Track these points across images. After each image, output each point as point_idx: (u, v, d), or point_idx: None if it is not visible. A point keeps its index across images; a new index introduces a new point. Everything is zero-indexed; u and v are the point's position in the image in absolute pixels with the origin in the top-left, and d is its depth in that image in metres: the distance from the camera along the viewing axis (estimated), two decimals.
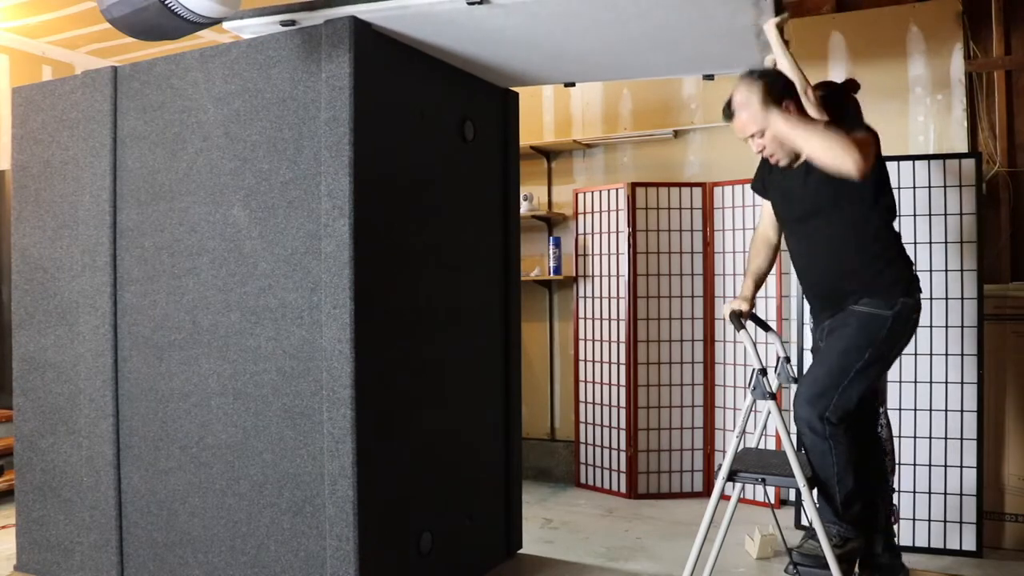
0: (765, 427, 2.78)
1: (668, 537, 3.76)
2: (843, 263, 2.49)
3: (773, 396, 2.42)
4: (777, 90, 2.38)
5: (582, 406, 4.76)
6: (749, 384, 2.41)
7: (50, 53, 5.49)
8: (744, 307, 2.64)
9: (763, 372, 2.39)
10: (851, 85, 2.78)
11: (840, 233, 2.49)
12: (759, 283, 2.74)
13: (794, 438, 2.55)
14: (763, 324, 2.78)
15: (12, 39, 5.26)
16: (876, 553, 2.67)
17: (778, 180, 2.64)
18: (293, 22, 2.53)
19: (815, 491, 2.44)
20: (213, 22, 2.42)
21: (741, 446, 2.53)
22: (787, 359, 2.66)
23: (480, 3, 2.37)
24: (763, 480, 2.37)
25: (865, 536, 2.53)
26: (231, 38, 2.78)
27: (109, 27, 2.63)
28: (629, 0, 2.39)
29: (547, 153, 5.12)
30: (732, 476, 2.42)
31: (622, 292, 4.55)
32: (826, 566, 2.30)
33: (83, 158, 2.95)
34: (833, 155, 2.21)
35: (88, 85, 2.94)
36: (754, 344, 2.42)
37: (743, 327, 2.51)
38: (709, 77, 3.26)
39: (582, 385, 4.76)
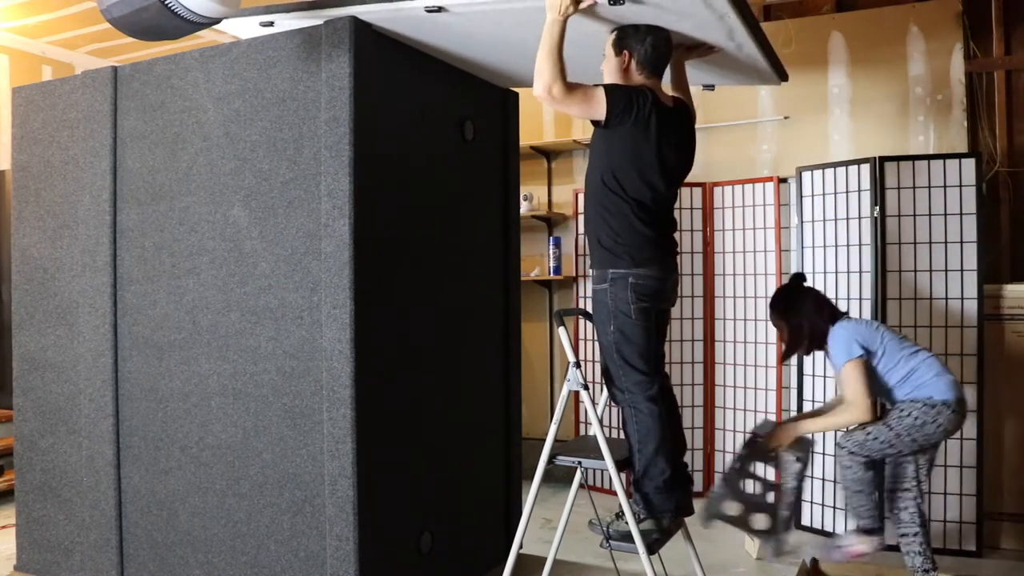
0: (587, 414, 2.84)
1: None
2: None
3: (586, 387, 2.57)
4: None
5: (582, 406, 4.76)
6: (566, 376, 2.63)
7: (50, 53, 5.49)
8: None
9: (576, 365, 2.59)
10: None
11: None
12: None
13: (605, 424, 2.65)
14: (589, 317, 2.97)
15: (12, 39, 5.26)
16: None
17: None
18: (271, 24, 2.54)
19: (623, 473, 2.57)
20: (213, 22, 2.42)
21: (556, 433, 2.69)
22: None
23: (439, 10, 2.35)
24: (579, 463, 2.60)
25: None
26: (231, 38, 2.78)
27: (109, 27, 2.63)
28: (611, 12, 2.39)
29: (547, 153, 5.12)
30: (552, 459, 2.64)
31: None
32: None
33: (83, 158, 2.95)
34: None
35: (88, 85, 2.94)
36: (570, 340, 2.64)
37: (563, 323, 2.66)
38: (709, 87, 3.25)
39: None
